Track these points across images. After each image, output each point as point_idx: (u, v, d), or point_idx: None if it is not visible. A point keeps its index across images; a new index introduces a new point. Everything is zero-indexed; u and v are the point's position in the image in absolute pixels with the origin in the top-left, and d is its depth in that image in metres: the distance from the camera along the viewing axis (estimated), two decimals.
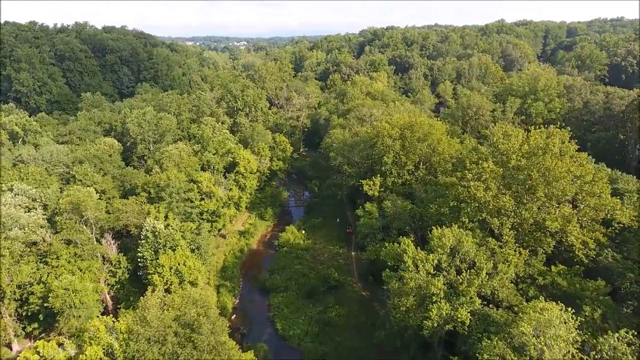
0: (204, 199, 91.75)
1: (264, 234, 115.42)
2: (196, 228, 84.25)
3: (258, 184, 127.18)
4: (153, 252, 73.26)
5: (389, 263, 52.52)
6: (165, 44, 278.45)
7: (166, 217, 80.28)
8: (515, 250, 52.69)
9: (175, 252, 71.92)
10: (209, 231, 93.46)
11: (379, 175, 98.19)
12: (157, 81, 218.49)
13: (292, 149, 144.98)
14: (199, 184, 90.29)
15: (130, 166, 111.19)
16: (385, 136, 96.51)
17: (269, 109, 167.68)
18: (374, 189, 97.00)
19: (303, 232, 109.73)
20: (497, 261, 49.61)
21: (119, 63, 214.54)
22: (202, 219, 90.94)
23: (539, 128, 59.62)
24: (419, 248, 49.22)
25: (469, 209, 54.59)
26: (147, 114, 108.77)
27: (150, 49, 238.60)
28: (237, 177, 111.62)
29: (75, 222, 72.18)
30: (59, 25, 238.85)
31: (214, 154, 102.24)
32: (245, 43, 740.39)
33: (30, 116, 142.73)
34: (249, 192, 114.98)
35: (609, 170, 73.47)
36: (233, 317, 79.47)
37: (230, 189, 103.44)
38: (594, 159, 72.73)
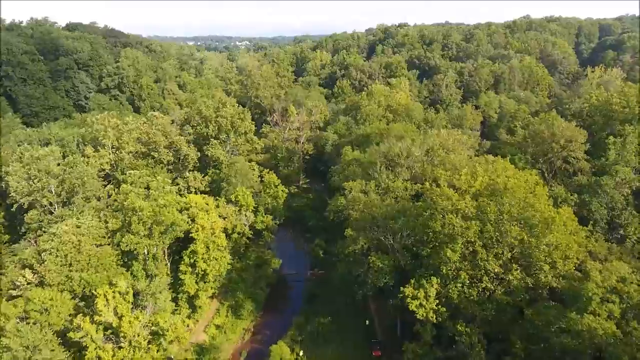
0: (110, 339, 48.61)
1: (237, 347, 72.16)
2: None
3: (236, 248, 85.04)
4: None
5: None
6: (143, 43, 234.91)
7: None
8: None
9: None
10: None
11: (432, 276, 55.22)
12: (122, 90, 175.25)
13: (286, 193, 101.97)
14: (98, 315, 47.11)
15: (21, 242, 68.62)
16: (448, 211, 53.23)
17: (258, 130, 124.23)
18: (427, 306, 53.90)
19: (300, 353, 66.80)
20: None
21: (75, 68, 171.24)
22: None
23: None
24: None
25: None
26: (43, 160, 65.62)
27: (119, 50, 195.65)
28: (193, 260, 68.99)
29: None
30: (7, 22, 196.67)
31: (144, 235, 58.97)
32: (247, 43, 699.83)
33: None
34: (212, 276, 72.12)
35: None
36: None
37: (177, 297, 60.49)
38: None
